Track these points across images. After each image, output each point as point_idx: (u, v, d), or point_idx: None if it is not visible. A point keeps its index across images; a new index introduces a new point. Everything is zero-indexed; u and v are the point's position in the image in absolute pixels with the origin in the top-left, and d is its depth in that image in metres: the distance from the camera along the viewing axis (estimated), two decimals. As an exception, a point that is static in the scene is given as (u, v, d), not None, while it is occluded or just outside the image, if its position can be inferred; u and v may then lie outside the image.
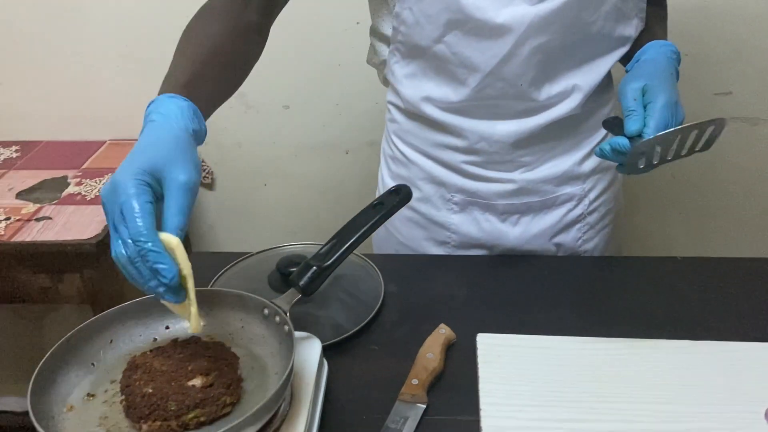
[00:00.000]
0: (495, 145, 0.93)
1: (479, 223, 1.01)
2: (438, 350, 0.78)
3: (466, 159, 0.96)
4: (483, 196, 0.98)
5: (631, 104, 0.77)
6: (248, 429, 0.57)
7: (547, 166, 0.97)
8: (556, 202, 0.99)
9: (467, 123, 0.93)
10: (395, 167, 1.05)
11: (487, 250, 1.03)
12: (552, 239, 1.02)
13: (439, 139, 0.97)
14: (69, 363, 0.65)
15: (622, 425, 0.67)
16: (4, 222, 1.37)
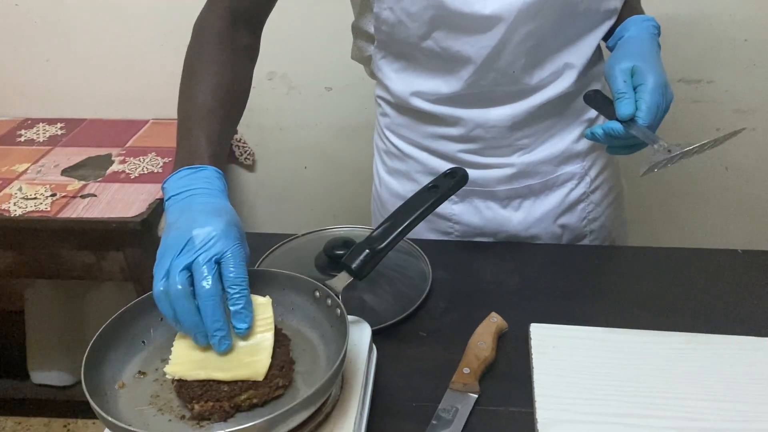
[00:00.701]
0: (492, 130, 0.91)
1: (481, 212, 0.99)
2: (490, 339, 0.76)
3: (462, 147, 0.94)
4: (482, 183, 0.96)
5: (621, 86, 0.76)
6: (302, 413, 0.56)
7: (544, 146, 0.95)
8: (556, 182, 0.97)
9: (461, 112, 0.91)
10: (390, 162, 1.04)
11: (491, 237, 1.01)
12: (556, 221, 1.00)
13: (433, 131, 0.95)
14: (120, 340, 0.65)
15: (683, 422, 0.65)
16: (50, 198, 1.38)
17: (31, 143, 1.64)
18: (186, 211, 0.65)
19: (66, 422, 1.87)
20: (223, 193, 0.69)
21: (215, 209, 0.65)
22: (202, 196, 0.67)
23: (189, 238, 0.61)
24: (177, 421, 0.58)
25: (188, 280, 0.60)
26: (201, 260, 0.60)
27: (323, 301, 0.69)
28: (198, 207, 0.65)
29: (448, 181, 0.74)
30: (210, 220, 0.63)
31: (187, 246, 0.61)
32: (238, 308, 0.61)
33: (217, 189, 0.68)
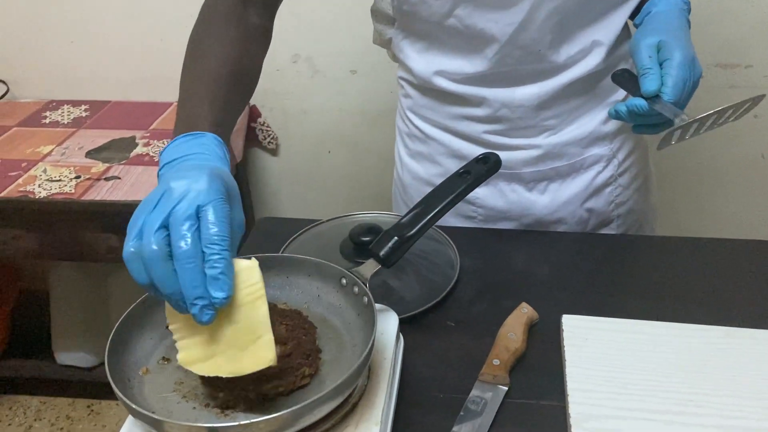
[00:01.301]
0: (518, 110, 0.88)
1: (505, 195, 0.97)
2: (520, 330, 0.74)
3: (487, 128, 0.91)
4: (507, 165, 0.92)
5: (647, 62, 0.73)
6: (329, 403, 0.54)
7: (572, 127, 0.92)
8: (584, 164, 0.95)
9: (485, 92, 0.88)
10: (413, 144, 1.01)
11: (515, 221, 0.99)
12: (583, 205, 0.97)
13: (457, 111, 0.93)
14: (144, 326, 0.64)
15: (722, 420, 0.62)
16: (74, 180, 1.38)
17: (56, 125, 1.64)
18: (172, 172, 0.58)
19: (90, 402, 1.89)
20: (222, 159, 0.61)
21: (203, 166, 0.57)
22: (195, 159, 0.59)
23: (165, 190, 0.54)
24: (201, 409, 0.57)
25: (165, 240, 0.52)
26: (178, 215, 0.52)
27: (350, 288, 0.67)
28: (186, 166, 0.58)
29: (480, 167, 0.72)
30: (191, 173, 0.55)
31: (162, 199, 0.53)
32: (214, 273, 0.51)
33: (214, 154, 0.61)
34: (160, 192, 0.54)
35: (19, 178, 1.40)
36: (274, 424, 0.51)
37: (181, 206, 0.52)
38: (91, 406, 1.88)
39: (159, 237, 0.51)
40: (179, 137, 0.62)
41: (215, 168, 0.57)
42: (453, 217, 1.01)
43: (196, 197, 0.53)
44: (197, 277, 0.51)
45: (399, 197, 1.10)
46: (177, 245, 0.51)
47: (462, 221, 1.01)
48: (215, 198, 0.54)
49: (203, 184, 0.54)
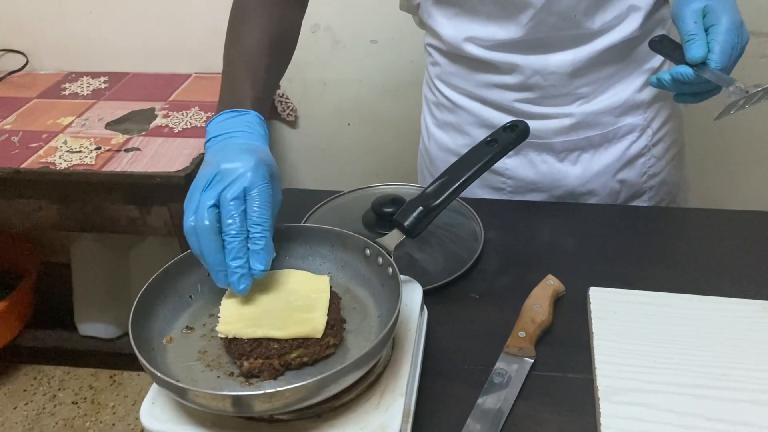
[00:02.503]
0: (550, 77, 0.86)
1: (536, 166, 0.95)
2: (546, 303, 0.73)
3: (518, 97, 0.89)
4: (539, 135, 0.91)
5: (692, 28, 0.70)
6: (354, 373, 0.54)
7: (605, 95, 0.89)
8: (617, 134, 0.92)
9: (518, 58, 0.86)
10: (440, 114, 0.99)
11: (545, 193, 0.97)
12: (615, 176, 0.95)
13: (488, 79, 0.90)
14: (167, 295, 0.64)
15: (758, 395, 0.61)
16: (94, 152, 1.38)
17: (75, 97, 1.63)
18: (221, 150, 0.64)
19: (112, 373, 1.92)
20: (263, 138, 0.67)
21: (249, 148, 0.63)
22: (240, 138, 0.66)
23: (217, 172, 0.60)
24: (225, 378, 0.57)
25: (216, 217, 0.59)
26: (228, 196, 0.59)
27: (374, 259, 0.66)
28: (233, 146, 0.64)
29: (508, 135, 0.70)
30: (241, 156, 0.61)
31: (214, 180, 0.60)
32: (256, 248, 0.59)
33: (257, 133, 0.67)
34: (213, 172, 0.61)
35: (40, 149, 1.40)
36: (299, 393, 0.50)
37: (230, 188, 0.59)
38: (113, 377, 1.91)
39: (211, 214, 0.58)
40: (225, 113, 0.68)
41: (260, 150, 0.64)
42: (481, 189, 0.99)
43: (244, 181, 0.60)
44: (240, 250, 0.58)
45: (425, 168, 1.08)
46: (225, 222, 0.58)
47: (490, 193, 0.99)
48: (260, 183, 0.60)
49: (250, 169, 0.60)
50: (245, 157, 0.61)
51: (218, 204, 0.59)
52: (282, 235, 0.69)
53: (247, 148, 0.63)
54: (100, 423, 1.78)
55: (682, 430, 0.58)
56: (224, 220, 0.58)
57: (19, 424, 1.79)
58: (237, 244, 0.58)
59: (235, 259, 0.58)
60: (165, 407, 0.56)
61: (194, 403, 0.52)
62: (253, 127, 0.67)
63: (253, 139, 0.66)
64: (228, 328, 0.58)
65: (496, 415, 0.62)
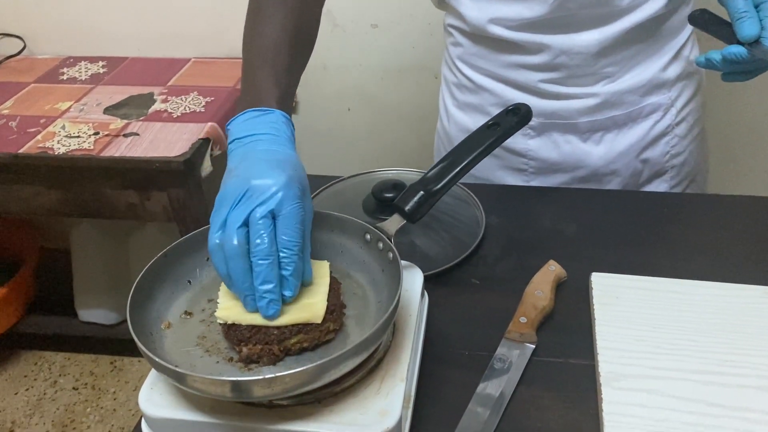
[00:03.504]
0: (576, 57, 0.85)
1: (559, 146, 0.94)
2: (548, 288, 0.72)
3: (543, 77, 0.88)
4: (563, 115, 0.90)
5: (741, 5, 0.68)
6: (354, 358, 0.53)
7: (631, 74, 0.88)
8: (641, 113, 0.91)
9: (544, 38, 0.84)
10: (461, 95, 0.98)
11: (568, 174, 0.96)
12: (639, 156, 0.94)
13: (512, 60, 0.89)
14: (166, 279, 0.63)
15: (761, 381, 0.60)
16: (93, 137, 1.37)
17: (74, 81, 1.62)
18: (247, 157, 0.60)
19: (113, 359, 1.92)
20: (290, 141, 0.64)
21: (278, 160, 0.60)
22: (266, 142, 0.62)
23: (247, 188, 0.57)
24: (224, 363, 0.56)
25: (245, 237, 0.55)
26: (257, 215, 0.56)
27: (374, 244, 0.65)
28: (260, 155, 0.60)
29: (510, 119, 0.69)
30: (271, 172, 0.58)
31: (244, 197, 0.57)
32: (286, 274, 0.56)
33: (284, 136, 0.63)
34: (243, 188, 0.57)
35: (38, 134, 1.39)
36: (298, 379, 0.50)
37: (260, 208, 0.56)
38: (114, 363, 1.91)
39: (240, 233, 0.55)
40: (248, 111, 0.64)
41: (290, 161, 0.60)
42: (501, 170, 0.98)
43: (275, 201, 0.56)
44: (269, 274, 0.55)
45: (443, 149, 1.06)
46: (254, 243, 0.55)
47: (512, 173, 0.98)
48: (291, 204, 0.57)
49: (282, 187, 0.57)
50: (276, 173, 0.57)
51: (247, 223, 0.56)
52: None
53: (275, 159, 0.60)
54: (100, 409, 1.78)
55: (685, 415, 0.57)
56: (253, 240, 0.55)
57: (20, 409, 1.79)
58: (266, 268, 0.55)
59: (265, 283, 0.55)
60: (164, 393, 0.56)
61: (193, 389, 0.52)
62: (279, 128, 0.63)
63: (281, 144, 0.62)
64: (227, 314, 0.57)
65: (497, 401, 0.61)
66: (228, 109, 1.47)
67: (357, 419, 0.53)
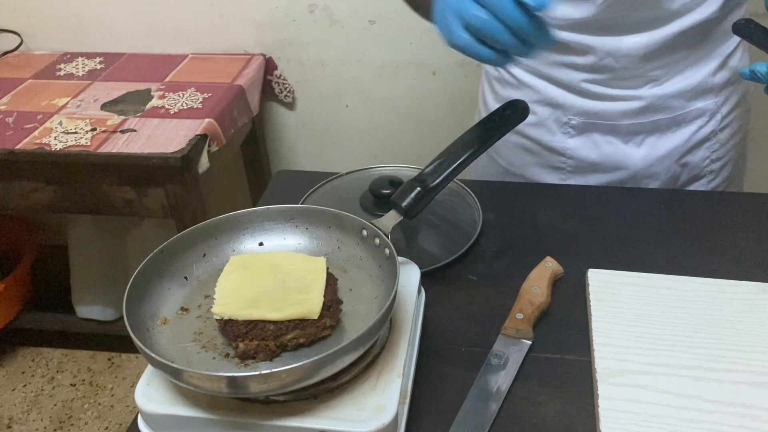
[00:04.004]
0: (623, 60, 0.83)
1: (599, 147, 0.92)
2: (544, 284, 0.72)
3: (587, 77, 0.87)
4: (606, 116, 0.89)
5: None
6: (351, 354, 0.53)
7: (677, 79, 0.87)
8: (686, 118, 0.90)
9: (591, 39, 0.83)
10: (502, 89, 0.97)
11: (606, 174, 0.94)
12: (679, 160, 0.93)
13: (558, 59, 0.88)
14: (162, 275, 0.63)
15: (755, 377, 0.61)
16: (90, 133, 1.37)
17: (71, 77, 1.62)
18: None
19: (110, 355, 1.92)
20: None
21: None
22: None
23: None
24: (221, 359, 0.56)
25: None
26: None
27: (371, 240, 0.65)
28: None
29: (507, 115, 0.69)
30: None
31: None
32: None
33: None
34: None
35: (35, 130, 1.38)
36: (294, 375, 0.50)
37: None
38: (111, 359, 1.91)
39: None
40: None
41: None
42: (537, 167, 0.98)
43: None
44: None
45: None
46: None
47: (548, 172, 0.97)
48: None
49: None
50: None
51: None
52: (278, 216, 0.69)
53: None
54: (98, 405, 1.78)
55: (680, 411, 0.58)
56: None
57: (17, 405, 1.79)
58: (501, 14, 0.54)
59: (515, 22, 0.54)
60: (160, 388, 0.56)
61: (189, 384, 0.52)
62: None
63: None
64: (223, 310, 0.57)
65: (493, 397, 0.62)
66: (225, 105, 1.47)
67: (353, 415, 0.53)
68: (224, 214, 0.68)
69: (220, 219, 0.68)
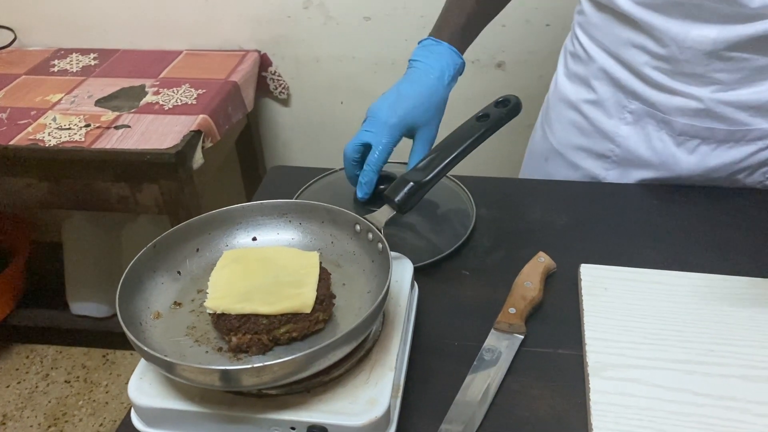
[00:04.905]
0: (686, 51, 0.79)
1: (651, 141, 0.90)
2: (537, 279, 0.72)
3: (652, 63, 0.84)
4: (662, 109, 0.86)
5: None
6: (343, 348, 0.53)
7: (746, 90, 0.81)
8: (746, 136, 0.84)
9: (660, 21, 0.80)
10: (573, 64, 0.96)
11: (652, 171, 0.92)
12: (729, 177, 0.89)
13: (627, 36, 0.85)
14: (155, 270, 0.63)
15: (745, 370, 0.61)
16: (84, 129, 1.36)
17: (65, 73, 1.61)
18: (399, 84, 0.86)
19: (105, 352, 1.92)
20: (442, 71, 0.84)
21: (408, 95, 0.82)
22: (419, 70, 0.85)
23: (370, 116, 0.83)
24: (214, 353, 0.57)
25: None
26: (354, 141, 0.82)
27: (364, 235, 0.66)
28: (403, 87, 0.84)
29: (499, 111, 0.70)
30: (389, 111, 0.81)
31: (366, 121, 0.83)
32: (362, 181, 0.80)
33: (438, 66, 0.84)
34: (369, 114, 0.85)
35: (29, 126, 1.38)
36: (287, 368, 0.50)
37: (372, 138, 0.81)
38: (106, 356, 1.91)
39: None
40: (426, 39, 0.88)
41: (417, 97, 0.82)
42: (581, 151, 0.96)
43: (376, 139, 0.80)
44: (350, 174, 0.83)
45: (540, 121, 1.07)
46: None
47: (592, 159, 0.96)
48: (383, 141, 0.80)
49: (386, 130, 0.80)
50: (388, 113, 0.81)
51: None
52: (272, 211, 0.69)
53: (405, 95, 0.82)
54: (92, 402, 1.78)
55: (671, 405, 0.58)
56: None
57: (11, 402, 1.79)
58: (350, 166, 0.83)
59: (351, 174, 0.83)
60: (153, 382, 0.56)
61: (182, 378, 0.52)
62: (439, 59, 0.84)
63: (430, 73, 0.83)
64: (216, 304, 0.57)
65: (486, 391, 0.62)
66: (220, 101, 1.47)
67: (346, 408, 0.53)
68: (224, 207, 0.68)
69: (214, 214, 0.68)
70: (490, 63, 1.63)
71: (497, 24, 0.98)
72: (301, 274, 0.60)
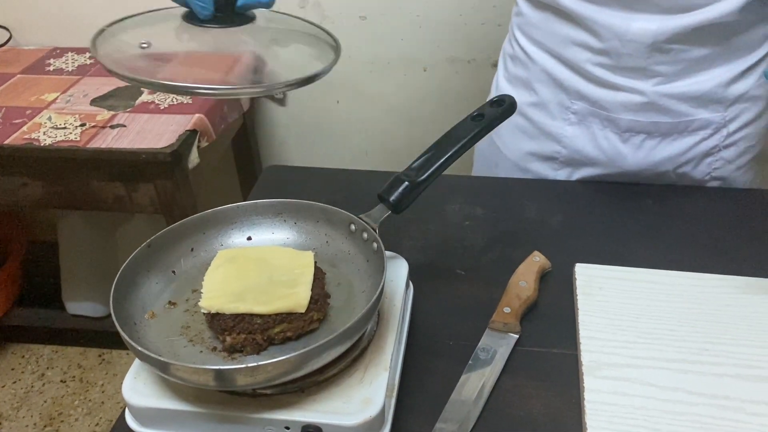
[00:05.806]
0: (628, 45, 0.80)
1: (596, 140, 0.90)
2: (532, 278, 0.73)
3: (593, 59, 0.84)
4: (606, 106, 0.86)
5: None
6: (337, 347, 0.53)
7: (686, 81, 0.82)
8: (688, 127, 0.86)
9: (601, 15, 0.80)
10: (513, 67, 0.96)
11: (600, 168, 0.92)
12: (676, 169, 0.90)
13: (567, 33, 0.85)
14: (150, 269, 0.63)
15: (738, 369, 0.61)
16: (79, 128, 1.36)
17: (60, 72, 1.61)
18: None
19: (101, 352, 1.91)
20: None
21: None
22: None
23: None
24: (208, 353, 0.57)
25: None
26: None
27: (359, 234, 0.66)
28: None
29: (494, 110, 0.69)
30: None
31: None
32: None
33: None
34: None
35: (24, 125, 1.37)
36: (281, 367, 0.50)
37: None
38: (102, 356, 1.91)
39: None
40: None
41: None
42: (531, 156, 0.96)
43: None
44: None
45: None
46: None
47: (540, 161, 0.96)
48: None
49: None
50: None
51: None
52: (267, 211, 0.69)
53: None
54: (88, 401, 1.78)
55: (665, 404, 0.58)
56: None
57: (7, 402, 1.78)
58: None
59: None
60: (147, 382, 0.56)
61: (177, 378, 0.52)
62: None
63: None
64: (211, 304, 0.57)
65: (480, 391, 0.62)
66: (215, 100, 1.47)
67: (340, 408, 0.53)
68: (219, 207, 0.68)
69: (208, 213, 0.68)
70: (485, 63, 1.63)
71: (493, 23, 0.98)
72: (296, 274, 0.60)
